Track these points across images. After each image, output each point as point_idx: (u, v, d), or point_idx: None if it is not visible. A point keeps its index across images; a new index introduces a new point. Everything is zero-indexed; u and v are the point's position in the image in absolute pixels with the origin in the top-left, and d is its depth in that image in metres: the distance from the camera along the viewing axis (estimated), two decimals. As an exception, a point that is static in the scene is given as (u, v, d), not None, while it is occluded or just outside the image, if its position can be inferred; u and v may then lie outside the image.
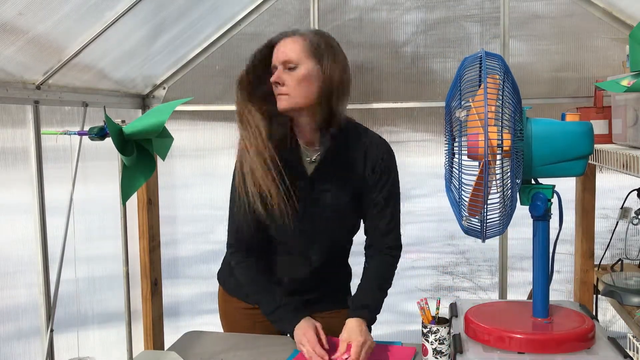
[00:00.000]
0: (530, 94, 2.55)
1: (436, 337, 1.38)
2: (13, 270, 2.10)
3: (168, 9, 2.30)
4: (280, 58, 1.54)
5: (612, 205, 2.46)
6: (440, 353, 1.38)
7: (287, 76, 1.53)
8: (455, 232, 2.82)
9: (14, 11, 1.70)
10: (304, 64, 1.53)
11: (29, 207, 2.12)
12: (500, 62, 1.19)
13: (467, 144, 1.20)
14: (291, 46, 1.54)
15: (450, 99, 1.25)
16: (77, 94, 2.32)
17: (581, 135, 1.24)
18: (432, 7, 2.65)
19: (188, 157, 2.91)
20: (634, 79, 1.50)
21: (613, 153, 1.71)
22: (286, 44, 1.55)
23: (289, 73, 1.53)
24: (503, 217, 1.21)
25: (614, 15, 2.44)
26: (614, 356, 1.19)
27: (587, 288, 2.53)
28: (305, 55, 1.53)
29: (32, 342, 2.17)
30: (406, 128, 2.70)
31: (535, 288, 1.31)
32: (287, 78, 1.53)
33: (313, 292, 1.76)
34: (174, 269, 3.01)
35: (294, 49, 1.53)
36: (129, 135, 1.33)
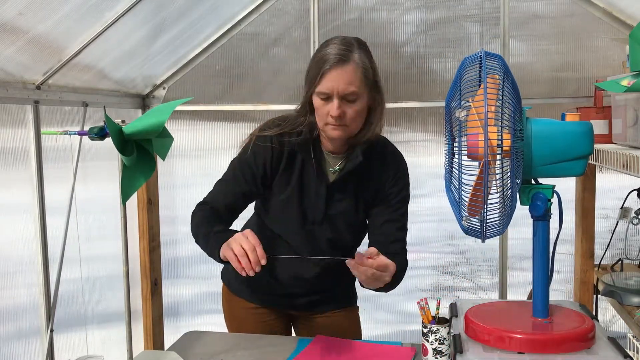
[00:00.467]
0: (530, 94, 2.55)
1: (436, 337, 1.38)
2: (13, 270, 2.10)
3: (168, 9, 2.30)
4: (341, 90, 1.45)
5: (612, 205, 2.46)
6: (440, 353, 1.38)
7: (348, 109, 1.47)
8: (455, 232, 2.82)
9: (14, 11, 1.70)
10: (362, 95, 1.48)
11: (29, 207, 2.12)
12: (500, 62, 1.19)
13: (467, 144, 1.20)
14: (350, 77, 1.45)
15: (450, 99, 1.25)
16: (77, 94, 2.32)
17: (581, 135, 1.24)
18: (432, 7, 2.65)
19: (188, 157, 2.91)
20: (634, 79, 1.50)
21: (613, 153, 1.71)
22: (345, 73, 1.45)
23: (349, 105, 1.47)
24: (503, 217, 1.21)
25: (614, 15, 2.45)
26: (614, 356, 1.19)
27: (587, 288, 2.53)
28: (363, 85, 1.48)
29: (32, 342, 2.17)
30: (406, 128, 2.70)
31: (535, 288, 1.31)
32: (349, 111, 1.47)
33: (317, 294, 1.76)
34: (174, 269, 3.01)
35: (354, 80, 1.45)
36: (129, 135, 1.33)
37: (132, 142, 1.36)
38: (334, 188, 1.61)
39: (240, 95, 2.83)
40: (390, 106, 2.66)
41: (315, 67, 1.48)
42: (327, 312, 1.78)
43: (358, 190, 1.62)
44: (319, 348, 1.59)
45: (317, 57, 1.49)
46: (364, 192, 1.63)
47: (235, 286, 1.82)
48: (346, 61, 1.45)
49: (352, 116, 1.48)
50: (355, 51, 1.47)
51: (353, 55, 1.46)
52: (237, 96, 2.84)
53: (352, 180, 1.61)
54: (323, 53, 1.47)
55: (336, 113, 1.45)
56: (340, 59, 1.44)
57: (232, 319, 1.85)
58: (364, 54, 1.49)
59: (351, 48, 1.47)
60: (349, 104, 1.47)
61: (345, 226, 1.65)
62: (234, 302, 1.82)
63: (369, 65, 1.49)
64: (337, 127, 1.49)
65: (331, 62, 1.45)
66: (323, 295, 1.76)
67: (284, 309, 1.81)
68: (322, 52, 1.48)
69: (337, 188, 1.61)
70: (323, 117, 1.50)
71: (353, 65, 1.45)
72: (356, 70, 1.46)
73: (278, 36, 2.79)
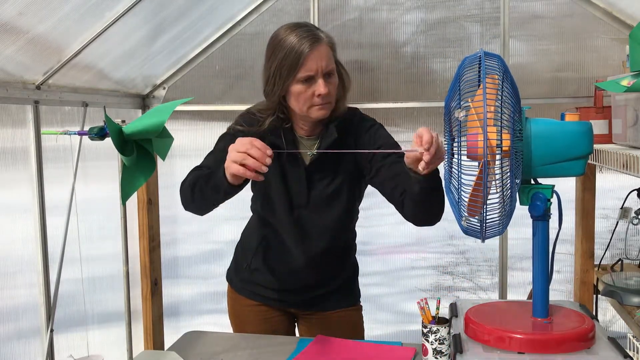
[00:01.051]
0: (530, 94, 2.55)
1: (436, 337, 1.38)
2: (13, 270, 2.10)
3: (168, 9, 2.30)
4: (323, 68, 1.52)
5: (612, 205, 2.46)
6: (440, 353, 1.38)
7: (329, 85, 1.55)
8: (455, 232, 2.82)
9: (14, 11, 1.70)
10: (334, 70, 1.57)
11: (29, 207, 2.12)
12: (499, 62, 1.19)
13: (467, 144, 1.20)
14: (328, 54, 1.54)
15: (450, 99, 1.25)
16: (77, 94, 2.32)
17: (581, 135, 1.24)
18: (432, 7, 2.65)
19: (188, 157, 2.91)
20: (634, 79, 1.50)
21: (613, 153, 1.71)
22: (321, 51, 1.53)
23: (329, 82, 1.55)
24: (502, 217, 1.21)
25: (614, 15, 2.44)
26: (614, 356, 1.19)
27: (587, 288, 2.53)
28: (333, 61, 1.57)
29: (32, 342, 2.17)
30: (406, 128, 2.70)
31: (535, 288, 1.31)
32: (329, 87, 1.55)
33: (318, 288, 1.76)
34: (174, 269, 3.01)
35: (330, 57, 1.55)
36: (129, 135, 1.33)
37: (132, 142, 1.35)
38: (313, 169, 1.64)
39: (240, 95, 2.83)
40: (391, 106, 2.66)
41: (290, 57, 1.50)
42: (330, 311, 1.78)
43: (339, 166, 1.64)
44: (319, 348, 1.59)
45: (285, 48, 1.51)
46: (347, 166, 1.65)
47: (238, 284, 1.83)
48: (319, 40, 1.53)
49: (333, 92, 1.57)
50: (318, 31, 1.56)
51: (320, 34, 1.55)
52: (237, 96, 2.84)
53: (330, 158, 1.62)
54: (291, 42, 1.51)
55: (325, 90, 1.52)
56: (315, 40, 1.52)
57: (235, 318, 1.86)
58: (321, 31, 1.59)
59: (313, 29, 1.56)
60: (329, 81, 1.54)
61: (332, 206, 1.66)
62: (237, 301, 1.84)
63: (330, 40, 1.58)
64: (324, 105, 1.55)
65: (309, 45, 1.50)
66: (321, 291, 1.77)
67: (285, 306, 1.81)
68: (289, 42, 1.51)
69: (316, 169, 1.64)
70: (307, 100, 1.54)
71: (325, 43, 1.54)
72: (327, 47, 1.55)
73: (278, 36, 2.79)
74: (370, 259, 2.81)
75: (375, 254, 2.84)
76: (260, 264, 1.77)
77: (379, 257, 2.84)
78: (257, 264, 1.77)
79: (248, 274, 1.79)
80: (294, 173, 1.64)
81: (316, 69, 1.51)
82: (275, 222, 1.71)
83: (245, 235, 1.86)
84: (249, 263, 1.79)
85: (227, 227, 2.81)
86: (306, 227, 1.67)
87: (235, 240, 1.91)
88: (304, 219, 1.67)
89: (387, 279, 2.92)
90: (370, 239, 2.80)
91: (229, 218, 2.91)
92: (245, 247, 1.82)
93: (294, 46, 1.50)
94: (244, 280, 1.81)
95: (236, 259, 1.87)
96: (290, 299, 1.78)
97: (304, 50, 1.49)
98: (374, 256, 2.83)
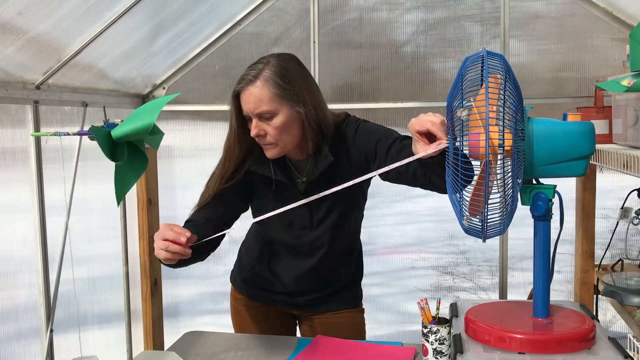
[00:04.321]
0: (530, 94, 2.55)
1: (436, 337, 1.38)
2: (13, 270, 2.10)
3: (168, 9, 2.30)
4: (252, 110, 1.44)
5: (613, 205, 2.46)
6: (441, 353, 1.38)
7: (266, 127, 1.46)
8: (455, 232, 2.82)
9: (14, 11, 1.70)
10: (279, 110, 1.45)
11: (28, 207, 2.11)
12: (501, 62, 1.19)
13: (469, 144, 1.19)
14: (258, 95, 1.43)
15: (452, 98, 1.25)
16: (76, 94, 2.32)
17: (582, 135, 1.24)
18: (432, 7, 2.65)
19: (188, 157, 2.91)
20: (634, 78, 1.50)
21: (613, 153, 1.71)
22: (252, 93, 1.43)
23: (267, 123, 1.45)
24: (504, 217, 1.20)
25: (614, 15, 2.44)
26: (615, 356, 1.19)
27: (587, 288, 2.53)
28: (277, 101, 1.44)
29: (32, 342, 2.17)
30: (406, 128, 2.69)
31: (535, 288, 1.31)
32: (268, 129, 1.46)
33: (320, 290, 1.76)
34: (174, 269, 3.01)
35: (262, 98, 1.43)
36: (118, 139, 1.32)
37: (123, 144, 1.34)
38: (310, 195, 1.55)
39: (240, 95, 2.83)
40: (391, 106, 2.66)
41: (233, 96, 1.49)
42: (331, 313, 1.77)
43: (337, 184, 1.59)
44: (319, 348, 1.59)
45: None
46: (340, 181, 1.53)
47: (240, 285, 1.83)
48: (247, 82, 1.44)
49: (275, 133, 1.46)
50: (265, 68, 1.44)
51: (259, 74, 1.44)
52: (237, 96, 2.83)
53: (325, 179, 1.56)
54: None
55: (253, 133, 1.46)
56: (242, 82, 1.45)
57: (237, 318, 1.86)
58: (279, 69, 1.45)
59: (261, 65, 1.45)
60: (266, 122, 1.45)
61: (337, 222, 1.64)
62: (239, 301, 1.84)
63: (280, 81, 1.44)
64: (267, 146, 1.49)
65: (238, 87, 1.45)
66: (324, 293, 1.76)
67: (286, 307, 1.81)
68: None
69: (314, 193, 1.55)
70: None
71: (257, 83, 1.43)
72: (262, 87, 1.43)
73: (278, 36, 2.79)
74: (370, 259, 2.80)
75: (376, 254, 2.84)
76: (263, 267, 1.77)
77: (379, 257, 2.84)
78: (260, 268, 1.77)
79: (251, 275, 1.79)
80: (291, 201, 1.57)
81: (246, 111, 1.46)
82: (280, 240, 1.70)
83: (249, 238, 1.85)
84: (252, 266, 1.78)
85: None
86: (310, 239, 1.67)
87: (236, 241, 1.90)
88: (308, 237, 1.66)
89: (387, 279, 2.92)
90: (370, 239, 2.80)
91: (228, 218, 2.92)
92: (249, 249, 1.82)
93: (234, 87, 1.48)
94: (246, 282, 1.81)
95: (240, 260, 1.87)
96: (293, 300, 1.78)
97: (235, 92, 1.47)
98: (374, 256, 2.83)
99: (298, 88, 1.47)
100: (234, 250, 1.91)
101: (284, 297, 1.77)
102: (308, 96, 1.48)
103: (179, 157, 2.89)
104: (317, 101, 1.52)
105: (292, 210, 1.44)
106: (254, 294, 1.80)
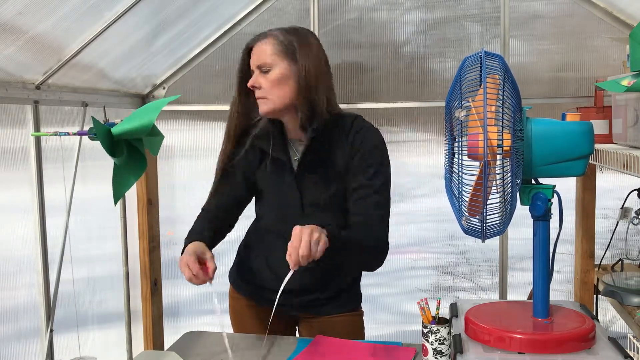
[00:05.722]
0: (530, 94, 2.55)
1: (436, 337, 1.38)
2: (13, 270, 2.10)
3: (168, 9, 2.30)
4: (255, 62, 1.56)
5: (612, 205, 2.46)
6: (441, 353, 1.38)
7: (262, 79, 1.55)
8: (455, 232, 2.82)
9: (14, 11, 1.70)
10: (277, 65, 1.54)
11: (28, 207, 2.11)
12: (500, 62, 1.19)
13: (467, 144, 1.19)
14: (263, 48, 1.55)
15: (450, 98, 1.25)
16: (76, 94, 2.32)
17: (581, 135, 1.24)
18: (432, 7, 2.65)
19: (188, 157, 2.91)
20: (634, 78, 1.50)
21: (613, 153, 1.71)
22: (259, 47, 1.55)
23: (264, 76, 1.55)
24: (503, 217, 1.20)
25: (614, 15, 2.44)
26: (615, 356, 1.19)
27: (587, 288, 2.53)
28: (277, 56, 1.54)
29: (32, 342, 2.17)
30: (406, 128, 2.70)
31: (535, 288, 1.31)
32: (263, 81, 1.55)
33: (317, 290, 1.75)
34: (174, 269, 3.01)
35: (266, 50, 1.54)
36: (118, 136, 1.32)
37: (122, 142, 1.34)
38: (302, 176, 1.62)
39: (240, 95, 2.83)
40: (391, 106, 2.66)
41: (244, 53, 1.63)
42: (329, 315, 1.77)
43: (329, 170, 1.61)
44: (319, 348, 1.59)
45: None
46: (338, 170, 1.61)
47: (239, 284, 1.83)
48: (261, 37, 1.56)
49: (267, 87, 1.54)
50: (277, 30, 1.57)
51: (271, 32, 1.56)
52: (237, 96, 2.83)
53: (314, 166, 1.60)
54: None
55: (249, 83, 1.55)
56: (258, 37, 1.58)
57: (236, 318, 1.86)
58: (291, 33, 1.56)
59: (273, 30, 1.57)
60: (264, 75, 1.54)
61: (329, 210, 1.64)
62: (238, 301, 1.84)
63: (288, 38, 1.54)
64: (260, 100, 1.56)
65: (251, 42, 1.58)
66: (321, 294, 1.76)
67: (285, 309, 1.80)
68: None
69: (307, 175, 1.62)
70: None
71: (266, 39, 1.55)
72: (268, 42, 1.55)
73: (278, 36, 2.79)
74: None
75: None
76: (260, 262, 1.77)
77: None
78: (257, 263, 1.77)
79: (250, 274, 1.79)
80: (284, 181, 1.63)
81: (252, 66, 1.57)
82: (273, 228, 1.71)
83: (248, 235, 1.86)
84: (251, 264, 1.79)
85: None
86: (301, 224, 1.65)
87: (235, 240, 1.91)
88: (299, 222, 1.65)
89: (387, 279, 2.92)
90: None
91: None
92: (248, 245, 1.83)
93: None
94: (245, 281, 1.81)
95: (239, 258, 1.87)
96: (290, 301, 1.77)
97: (247, 46, 1.59)
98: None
99: (302, 52, 1.54)
100: (234, 250, 1.91)
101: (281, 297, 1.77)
102: (310, 64, 1.54)
103: (179, 157, 2.89)
104: (318, 74, 1.56)
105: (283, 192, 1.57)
106: (252, 293, 1.80)
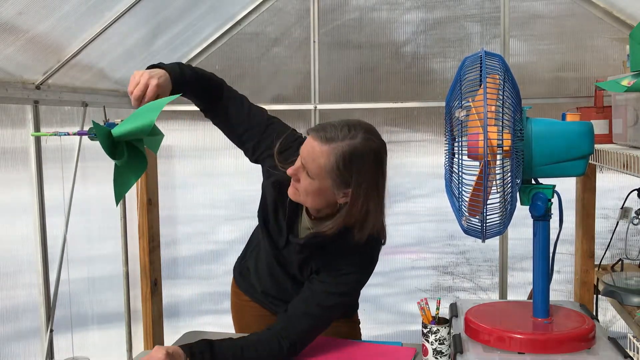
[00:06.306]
0: (530, 94, 2.55)
1: (436, 337, 1.38)
2: (13, 270, 2.10)
3: (168, 9, 2.30)
4: (304, 154, 1.40)
5: (612, 205, 2.46)
6: (441, 353, 1.38)
7: (302, 177, 1.42)
8: (455, 232, 2.83)
9: (14, 11, 1.70)
10: (321, 180, 1.39)
11: (28, 207, 2.11)
12: (500, 62, 1.19)
13: (467, 144, 1.19)
14: (317, 157, 1.37)
15: (451, 98, 1.25)
16: (76, 94, 2.32)
17: (581, 135, 1.24)
18: (432, 7, 2.65)
19: (188, 157, 2.91)
20: (634, 78, 1.50)
21: (613, 153, 1.71)
22: (314, 149, 1.37)
23: (306, 176, 1.41)
24: (503, 217, 1.20)
25: (614, 15, 2.45)
26: (615, 356, 1.19)
27: (587, 288, 2.53)
28: (325, 174, 1.38)
29: (32, 342, 2.17)
30: (406, 128, 2.70)
31: (535, 288, 1.31)
32: (302, 179, 1.42)
33: None
34: (174, 269, 3.01)
35: (317, 161, 1.37)
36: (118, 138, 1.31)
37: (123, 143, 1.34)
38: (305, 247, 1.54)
39: (240, 95, 2.83)
40: (391, 106, 2.66)
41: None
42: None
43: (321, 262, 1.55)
44: (319, 348, 1.59)
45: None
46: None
47: (238, 278, 1.84)
48: (325, 141, 1.37)
49: (303, 188, 1.42)
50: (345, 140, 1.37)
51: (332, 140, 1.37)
52: (237, 96, 2.83)
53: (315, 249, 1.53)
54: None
55: (289, 171, 1.42)
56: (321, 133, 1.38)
57: (235, 312, 1.87)
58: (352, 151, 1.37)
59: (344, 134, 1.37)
60: (306, 174, 1.40)
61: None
62: (238, 296, 1.85)
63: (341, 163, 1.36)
64: (294, 187, 1.45)
65: (316, 130, 1.40)
66: None
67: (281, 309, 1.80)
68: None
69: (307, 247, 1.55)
70: None
71: (325, 148, 1.37)
72: (324, 154, 1.37)
73: (278, 36, 2.79)
74: (370, 259, 2.81)
75: (375, 254, 2.84)
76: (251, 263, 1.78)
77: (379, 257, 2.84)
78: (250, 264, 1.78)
79: (246, 270, 1.81)
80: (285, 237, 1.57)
81: (303, 149, 1.42)
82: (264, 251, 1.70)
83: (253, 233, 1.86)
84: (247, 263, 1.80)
85: (227, 228, 2.81)
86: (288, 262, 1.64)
87: (235, 240, 1.91)
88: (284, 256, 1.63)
89: (387, 279, 2.92)
90: (370, 239, 2.80)
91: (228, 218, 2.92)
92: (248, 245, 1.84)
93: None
94: (242, 276, 1.82)
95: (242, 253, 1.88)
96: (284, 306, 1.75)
97: (309, 132, 1.42)
98: (374, 256, 2.83)
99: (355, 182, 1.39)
100: (234, 250, 1.92)
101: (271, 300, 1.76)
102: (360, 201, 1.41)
103: (179, 157, 2.89)
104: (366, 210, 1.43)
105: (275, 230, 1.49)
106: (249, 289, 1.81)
